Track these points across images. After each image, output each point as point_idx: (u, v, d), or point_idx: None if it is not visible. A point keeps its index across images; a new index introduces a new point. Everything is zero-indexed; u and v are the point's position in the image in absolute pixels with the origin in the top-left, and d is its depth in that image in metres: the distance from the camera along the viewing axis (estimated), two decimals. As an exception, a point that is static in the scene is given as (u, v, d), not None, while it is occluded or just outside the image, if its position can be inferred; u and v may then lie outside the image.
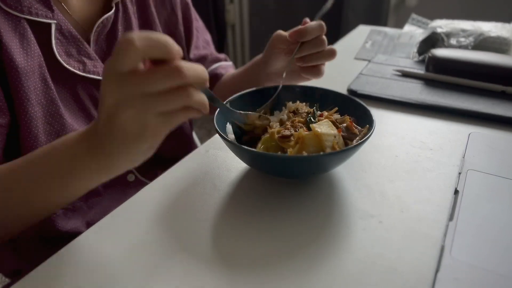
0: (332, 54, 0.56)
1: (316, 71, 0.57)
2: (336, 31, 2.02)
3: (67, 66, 0.53)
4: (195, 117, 0.35)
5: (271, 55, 0.61)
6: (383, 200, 0.45)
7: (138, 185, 0.65)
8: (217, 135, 0.53)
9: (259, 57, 0.66)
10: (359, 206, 0.45)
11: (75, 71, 0.54)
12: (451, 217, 0.42)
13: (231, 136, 0.50)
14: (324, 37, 0.56)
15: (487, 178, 0.48)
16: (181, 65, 0.31)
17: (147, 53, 0.30)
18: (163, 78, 0.31)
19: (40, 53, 0.51)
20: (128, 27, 0.62)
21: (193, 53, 0.75)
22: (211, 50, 0.79)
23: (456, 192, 0.46)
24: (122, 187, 0.64)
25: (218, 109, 0.51)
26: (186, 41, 0.74)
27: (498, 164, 0.50)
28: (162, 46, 0.31)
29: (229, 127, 0.52)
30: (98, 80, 0.56)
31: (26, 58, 0.49)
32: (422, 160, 0.52)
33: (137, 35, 0.30)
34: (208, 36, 0.80)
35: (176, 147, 0.70)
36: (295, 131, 0.46)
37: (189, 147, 0.76)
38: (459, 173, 0.49)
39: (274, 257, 0.38)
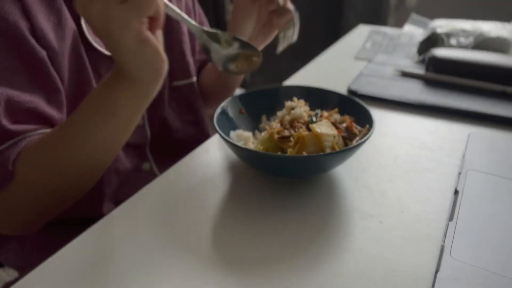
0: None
1: (287, 11, 0.57)
2: (336, 31, 2.02)
3: (95, 45, 0.53)
4: (157, 15, 0.37)
5: (239, 17, 0.60)
6: (383, 200, 0.45)
7: (151, 176, 0.65)
8: (217, 135, 0.53)
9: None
10: (359, 206, 0.45)
11: (101, 49, 0.53)
12: (451, 217, 0.42)
13: (232, 136, 0.50)
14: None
15: (487, 178, 0.48)
16: None
17: None
18: None
19: (76, 29, 0.50)
20: None
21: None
22: None
23: (456, 192, 0.46)
24: (137, 178, 0.63)
25: (219, 109, 0.51)
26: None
27: (498, 164, 0.50)
28: None
29: (231, 130, 0.52)
30: None
31: (63, 36, 0.49)
32: (422, 160, 0.52)
33: None
34: (206, 22, 0.80)
35: (189, 134, 0.71)
36: (295, 131, 0.46)
37: (203, 136, 0.75)
38: (459, 173, 0.49)
39: (274, 256, 0.38)
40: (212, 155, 0.55)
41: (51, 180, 0.45)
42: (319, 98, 0.55)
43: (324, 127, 0.45)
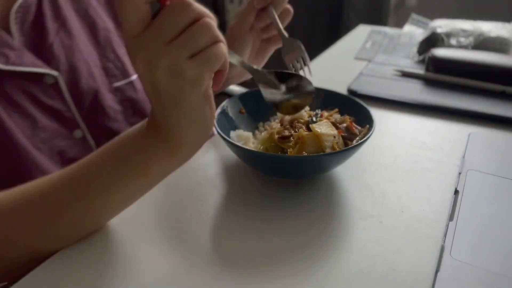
0: (289, 12, 0.54)
1: (277, 39, 0.56)
2: (336, 31, 2.02)
3: None
4: (223, 67, 0.34)
5: (238, 48, 0.55)
6: (383, 200, 0.45)
7: None
8: (217, 135, 0.53)
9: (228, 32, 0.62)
10: (359, 206, 0.45)
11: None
12: (451, 217, 0.42)
13: (232, 136, 0.50)
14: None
15: (487, 178, 0.48)
16: None
17: None
18: (171, 15, 0.30)
19: None
20: (56, 9, 0.54)
21: None
22: None
23: (456, 192, 0.46)
24: None
25: (219, 109, 0.51)
26: None
27: (498, 164, 0.50)
28: None
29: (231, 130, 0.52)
30: (29, 73, 0.49)
31: None
32: (422, 160, 0.52)
33: None
34: None
35: None
36: (295, 131, 0.46)
37: None
38: (459, 173, 0.49)
39: (274, 256, 0.38)
40: (212, 155, 0.55)
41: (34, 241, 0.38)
42: (319, 98, 0.55)
43: (324, 127, 0.45)
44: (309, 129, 0.46)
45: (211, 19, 0.32)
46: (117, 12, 0.31)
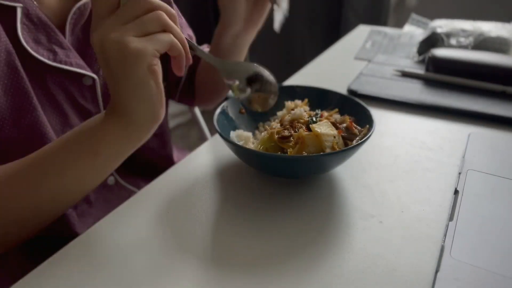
0: None
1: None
2: (336, 31, 2.02)
3: (35, 54, 0.49)
4: (178, 54, 0.40)
5: (230, 4, 0.59)
6: (383, 200, 0.45)
7: (120, 190, 0.64)
8: (217, 135, 0.53)
9: (218, 24, 0.65)
10: (359, 206, 0.45)
11: (44, 60, 0.49)
12: (451, 217, 0.42)
13: (232, 136, 0.50)
14: None
15: (487, 178, 0.48)
16: None
17: None
18: (132, 7, 0.37)
19: (7, 39, 0.46)
20: None
21: None
22: None
23: (456, 192, 0.46)
24: (104, 193, 0.62)
25: (219, 109, 0.51)
26: None
27: (498, 164, 0.50)
28: None
29: (231, 130, 0.52)
30: (72, 72, 0.52)
31: None
32: (422, 160, 0.52)
33: None
34: (190, 32, 0.77)
35: (156, 155, 0.69)
36: (295, 131, 0.46)
37: (168, 160, 0.73)
38: (459, 173, 0.49)
39: (274, 257, 0.38)
40: (212, 155, 0.55)
41: (15, 208, 0.42)
42: (319, 98, 0.55)
43: (324, 127, 0.45)
44: (309, 129, 0.46)
45: (167, 13, 0.38)
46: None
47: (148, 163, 0.67)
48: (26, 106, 0.48)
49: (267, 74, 0.49)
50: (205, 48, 0.77)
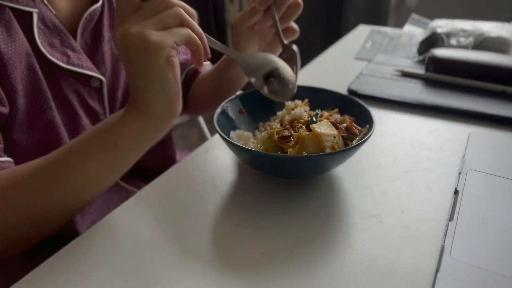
0: (298, 5, 0.56)
1: (292, 31, 0.58)
2: (336, 31, 2.02)
3: (50, 57, 0.51)
4: (197, 48, 0.41)
5: (242, 43, 0.59)
6: (383, 200, 0.45)
7: (119, 190, 0.64)
8: (217, 135, 0.53)
9: (225, 57, 0.65)
10: (359, 206, 0.45)
11: (59, 63, 0.52)
12: (451, 217, 0.42)
13: (232, 136, 0.50)
14: None
15: (487, 178, 0.48)
16: None
17: None
18: (153, 5, 0.39)
19: (26, 42, 0.49)
20: (113, 21, 0.60)
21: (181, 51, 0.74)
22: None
23: (456, 192, 0.46)
24: (104, 193, 0.62)
25: (219, 109, 0.51)
26: None
27: (498, 164, 0.50)
28: None
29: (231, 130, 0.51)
30: (83, 74, 0.55)
31: (14, 47, 0.48)
32: (422, 160, 0.52)
33: None
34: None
35: (158, 158, 0.69)
36: (295, 131, 0.46)
37: (170, 161, 0.74)
38: (459, 173, 0.49)
39: (274, 257, 0.38)
40: (212, 155, 0.55)
41: (36, 206, 0.42)
42: (319, 98, 0.55)
43: (324, 127, 0.45)
44: (309, 129, 0.46)
45: (186, 11, 0.40)
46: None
47: (149, 166, 0.67)
48: (43, 106, 0.51)
49: (284, 70, 0.50)
50: (207, 66, 0.77)
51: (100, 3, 0.57)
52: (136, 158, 0.44)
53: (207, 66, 0.78)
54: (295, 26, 0.58)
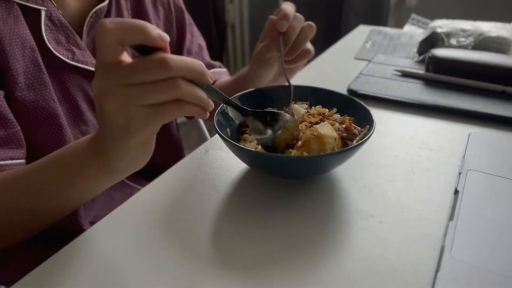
0: (312, 28, 0.57)
1: (307, 53, 0.59)
2: (336, 31, 2.02)
3: (56, 53, 0.53)
4: (197, 115, 0.35)
5: (260, 71, 0.62)
6: (383, 200, 0.45)
7: (123, 187, 0.65)
8: (217, 135, 0.53)
9: (245, 70, 0.66)
10: (359, 206, 0.45)
11: (64, 58, 0.54)
12: (451, 217, 0.42)
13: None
14: (298, 14, 0.57)
15: (487, 178, 0.48)
16: (167, 56, 0.31)
17: (122, 37, 0.30)
18: (146, 69, 0.31)
19: (31, 37, 0.51)
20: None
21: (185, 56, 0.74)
22: (203, 56, 0.78)
23: (456, 192, 0.46)
24: (108, 189, 0.63)
25: (219, 109, 0.51)
26: (177, 43, 0.74)
27: (498, 164, 0.50)
28: (136, 29, 0.30)
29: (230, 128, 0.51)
30: (87, 70, 0.56)
31: (17, 40, 0.50)
32: (422, 160, 0.52)
33: (109, 19, 0.31)
34: (202, 42, 0.79)
35: (165, 157, 0.70)
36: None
37: (177, 158, 0.74)
38: (459, 173, 0.49)
39: (274, 257, 0.38)
40: (212, 155, 0.55)
41: (8, 214, 0.45)
42: (319, 98, 0.55)
43: (326, 128, 0.45)
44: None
45: (188, 71, 0.32)
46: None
47: (155, 165, 0.67)
48: (47, 99, 0.52)
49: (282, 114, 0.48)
50: (224, 74, 0.78)
51: (106, 1, 0.59)
52: (91, 196, 0.45)
53: (223, 73, 0.79)
54: (310, 47, 0.59)
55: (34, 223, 0.47)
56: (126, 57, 0.32)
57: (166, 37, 0.32)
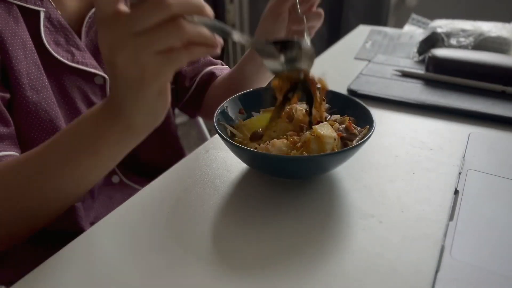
0: (318, 15, 0.58)
1: (317, 14, 0.59)
2: (336, 31, 2.02)
3: (56, 55, 0.53)
4: (208, 54, 0.34)
5: (274, 24, 0.61)
6: (383, 200, 0.45)
7: (123, 188, 0.65)
8: (217, 135, 0.53)
9: (248, 51, 0.68)
10: (359, 206, 0.45)
11: (64, 60, 0.54)
12: (451, 217, 0.42)
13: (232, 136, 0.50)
14: None
15: (487, 178, 0.48)
16: None
17: None
18: (146, 12, 0.30)
19: (30, 39, 0.51)
20: None
21: None
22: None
23: (456, 192, 0.46)
24: (108, 190, 0.63)
25: (219, 110, 0.51)
26: None
27: (498, 164, 0.50)
28: None
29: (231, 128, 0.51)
30: (87, 72, 0.56)
31: (19, 42, 0.50)
32: (422, 160, 0.52)
33: None
34: None
35: (164, 157, 0.70)
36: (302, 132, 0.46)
37: (178, 158, 0.75)
38: (459, 173, 0.49)
39: (274, 257, 0.38)
40: (212, 155, 0.55)
41: (19, 202, 0.43)
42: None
43: (326, 129, 0.45)
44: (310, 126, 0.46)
45: (190, 7, 0.31)
46: None
47: (154, 165, 0.68)
48: (48, 101, 0.52)
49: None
50: (225, 69, 0.78)
51: None
52: (116, 161, 0.43)
53: (224, 69, 0.79)
54: (320, 10, 0.59)
55: (48, 207, 0.44)
56: (124, 8, 0.32)
57: None
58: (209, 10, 0.33)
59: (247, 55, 0.68)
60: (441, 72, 0.74)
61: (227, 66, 0.81)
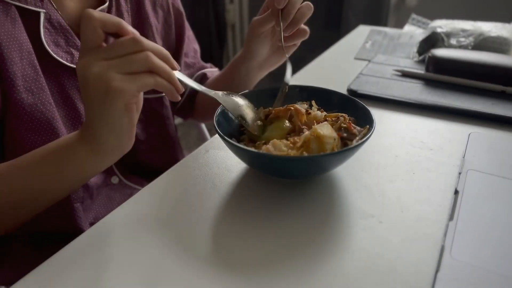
0: (310, 7, 0.57)
1: (303, 32, 0.59)
2: (336, 31, 2.02)
3: (55, 56, 0.53)
4: (168, 93, 0.40)
5: (254, 44, 0.62)
6: (383, 200, 0.45)
7: (123, 188, 0.65)
8: (217, 135, 0.53)
9: (240, 53, 0.68)
10: (359, 206, 0.45)
11: (63, 61, 0.54)
12: (451, 217, 0.42)
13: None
14: None
15: (487, 178, 0.48)
16: (139, 36, 0.38)
17: (103, 23, 0.37)
18: (120, 45, 0.38)
19: (28, 40, 0.51)
20: None
21: (183, 60, 0.75)
22: (198, 59, 0.79)
23: (456, 192, 0.46)
24: (107, 191, 0.64)
25: (219, 110, 0.51)
26: (176, 45, 0.74)
27: (498, 164, 0.50)
28: (116, 21, 0.38)
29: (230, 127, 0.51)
30: None
31: (15, 43, 0.50)
32: (422, 160, 0.52)
33: (93, 10, 0.37)
34: (196, 46, 0.80)
35: (163, 158, 0.71)
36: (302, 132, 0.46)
37: (177, 159, 0.75)
38: (459, 173, 0.49)
39: (274, 257, 0.38)
40: (212, 155, 0.55)
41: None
42: (319, 98, 0.55)
43: (325, 129, 0.45)
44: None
45: (157, 54, 0.39)
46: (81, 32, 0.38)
47: (154, 165, 0.68)
48: (44, 103, 0.52)
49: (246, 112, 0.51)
50: (215, 72, 0.79)
51: (107, 4, 0.58)
52: (79, 185, 0.47)
53: (214, 72, 0.79)
54: (305, 27, 0.59)
55: (20, 213, 0.47)
56: (104, 45, 0.38)
57: (138, 34, 0.39)
58: (174, 62, 0.40)
59: (238, 56, 0.68)
60: (441, 72, 0.74)
61: (217, 69, 0.81)
